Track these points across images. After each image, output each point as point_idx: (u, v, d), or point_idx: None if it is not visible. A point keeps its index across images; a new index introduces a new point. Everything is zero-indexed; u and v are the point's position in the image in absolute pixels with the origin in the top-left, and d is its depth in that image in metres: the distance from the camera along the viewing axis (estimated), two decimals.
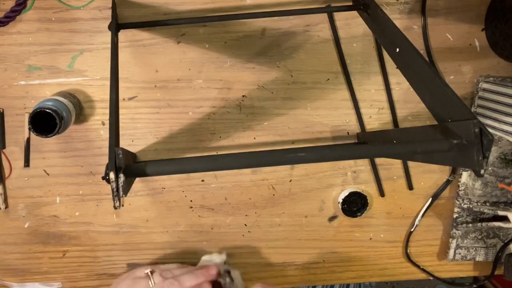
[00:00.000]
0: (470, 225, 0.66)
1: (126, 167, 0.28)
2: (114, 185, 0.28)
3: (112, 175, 0.28)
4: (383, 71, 0.62)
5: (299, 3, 0.58)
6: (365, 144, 0.59)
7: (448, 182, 0.66)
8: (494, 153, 0.64)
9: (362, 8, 0.54)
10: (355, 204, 0.65)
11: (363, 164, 0.65)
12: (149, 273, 0.55)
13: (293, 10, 0.58)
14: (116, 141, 0.35)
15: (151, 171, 0.28)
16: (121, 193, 0.28)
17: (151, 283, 0.53)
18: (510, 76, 0.63)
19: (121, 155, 0.28)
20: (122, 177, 0.28)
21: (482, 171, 0.30)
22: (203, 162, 0.28)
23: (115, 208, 0.30)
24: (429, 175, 0.66)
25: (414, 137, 0.39)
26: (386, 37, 0.48)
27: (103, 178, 0.29)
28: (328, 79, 0.62)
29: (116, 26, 0.51)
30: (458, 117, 0.34)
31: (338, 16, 0.60)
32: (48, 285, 0.64)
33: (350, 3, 0.58)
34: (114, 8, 0.55)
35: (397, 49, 0.44)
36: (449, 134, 0.33)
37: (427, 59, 0.61)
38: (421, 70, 0.40)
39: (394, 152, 0.35)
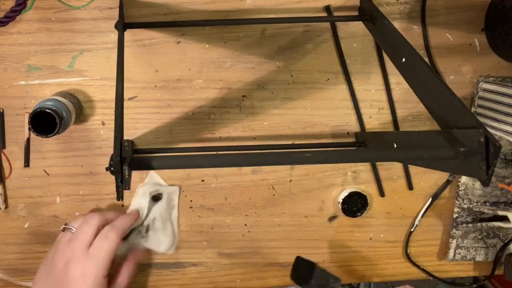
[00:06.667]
0: (470, 225, 0.66)
1: (132, 159, 0.28)
2: (118, 176, 0.28)
3: (117, 166, 0.27)
4: (383, 71, 0.62)
5: (299, 2, 0.58)
6: (371, 148, 0.60)
7: (448, 182, 0.66)
8: None
9: (368, 19, 0.54)
10: (355, 204, 0.65)
11: (363, 164, 0.65)
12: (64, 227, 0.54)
13: (296, 17, 0.58)
14: (121, 133, 0.35)
15: (156, 164, 0.28)
16: (125, 184, 0.28)
17: (72, 230, 0.52)
18: (510, 76, 0.63)
19: (127, 148, 0.28)
20: (127, 169, 0.28)
21: (487, 179, 0.31)
22: (209, 159, 0.28)
23: (117, 199, 0.29)
24: (429, 175, 0.66)
25: (415, 141, 0.40)
26: (392, 47, 0.48)
27: (107, 169, 0.28)
28: (328, 79, 0.62)
29: (123, 25, 0.52)
30: (464, 125, 0.34)
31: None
32: None
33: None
34: (121, 7, 0.55)
35: (403, 59, 0.44)
36: (453, 142, 0.33)
37: (427, 59, 0.61)
38: (428, 80, 0.40)
39: (401, 156, 0.35)
